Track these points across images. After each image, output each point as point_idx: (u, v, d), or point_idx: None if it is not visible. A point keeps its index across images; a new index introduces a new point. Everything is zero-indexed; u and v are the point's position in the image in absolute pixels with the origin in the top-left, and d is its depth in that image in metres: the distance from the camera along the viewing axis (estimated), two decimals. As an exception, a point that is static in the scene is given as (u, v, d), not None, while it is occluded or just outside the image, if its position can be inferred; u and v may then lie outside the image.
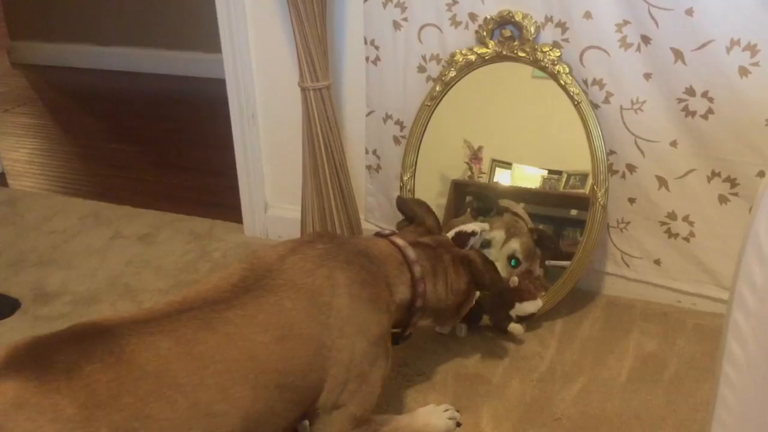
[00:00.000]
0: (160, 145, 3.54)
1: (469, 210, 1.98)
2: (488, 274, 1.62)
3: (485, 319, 1.90)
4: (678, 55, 1.72)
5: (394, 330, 1.55)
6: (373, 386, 1.41)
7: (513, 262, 1.89)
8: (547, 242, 1.91)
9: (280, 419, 1.28)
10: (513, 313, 1.84)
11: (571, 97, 1.84)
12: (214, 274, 1.51)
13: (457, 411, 1.58)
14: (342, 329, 1.33)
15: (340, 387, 1.35)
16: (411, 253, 1.53)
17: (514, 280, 1.84)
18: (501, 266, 1.84)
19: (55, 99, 4.45)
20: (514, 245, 1.88)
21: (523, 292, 1.84)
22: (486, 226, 1.83)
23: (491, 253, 1.87)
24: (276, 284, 1.31)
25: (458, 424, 1.56)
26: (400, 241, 1.55)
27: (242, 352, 1.21)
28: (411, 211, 1.72)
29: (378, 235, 1.60)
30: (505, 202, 1.97)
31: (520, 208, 1.96)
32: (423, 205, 1.75)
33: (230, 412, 1.17)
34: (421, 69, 2.03)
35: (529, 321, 1.88)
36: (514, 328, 1.85)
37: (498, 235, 1.89)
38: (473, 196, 1.98)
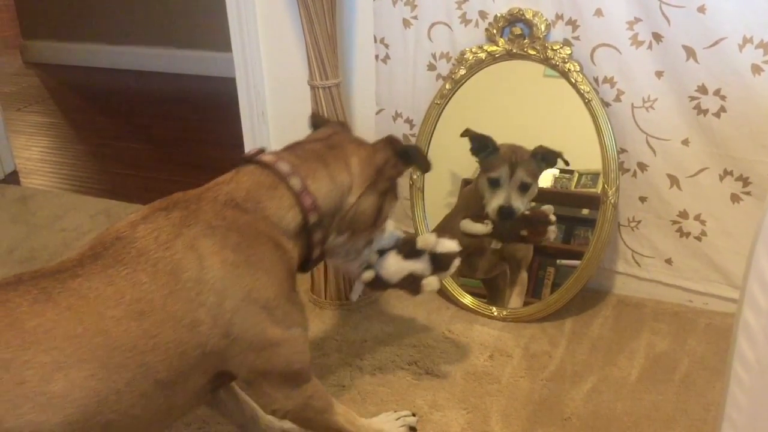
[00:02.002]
0: (170, 143, 3.56)
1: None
2: (411, 148, 1.45)
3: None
4: (690, 52, 1.71)
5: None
6: (292, 344, 1.29)
7: (524, 188, 1.94)
8: (549, 156, 1.93)
9: (158, 401, 1.17)
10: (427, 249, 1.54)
11: (581, 95, 1.83)
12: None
13: (413, 415, 1.56)
14: (221, 304, 1.19)
15: (249, 358, 1.25)
16: (283, 166, 1.33)
17: None
18: (516, 196, 1.92)
19: (67, 98, 4.49)
20: (521, 174, 1.92)
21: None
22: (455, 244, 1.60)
23: (503, 189, 1.93)
24: (127, 254, 1.18)
25: (413, 429, 1.55)
26: (267, 158, 1.36)
27: (88, 328, 1.10)
28: (319, 120, 1.55)
29: (244, 159, 1.39)
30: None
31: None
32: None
33: (72, 391, 1.07)
34: (431, 67, 2.03)
35: (448, 266, 1.57)
36: (429, 283, 1.53)
37: (503, 171, 1.93)
38: (468, 137, 1.97)
